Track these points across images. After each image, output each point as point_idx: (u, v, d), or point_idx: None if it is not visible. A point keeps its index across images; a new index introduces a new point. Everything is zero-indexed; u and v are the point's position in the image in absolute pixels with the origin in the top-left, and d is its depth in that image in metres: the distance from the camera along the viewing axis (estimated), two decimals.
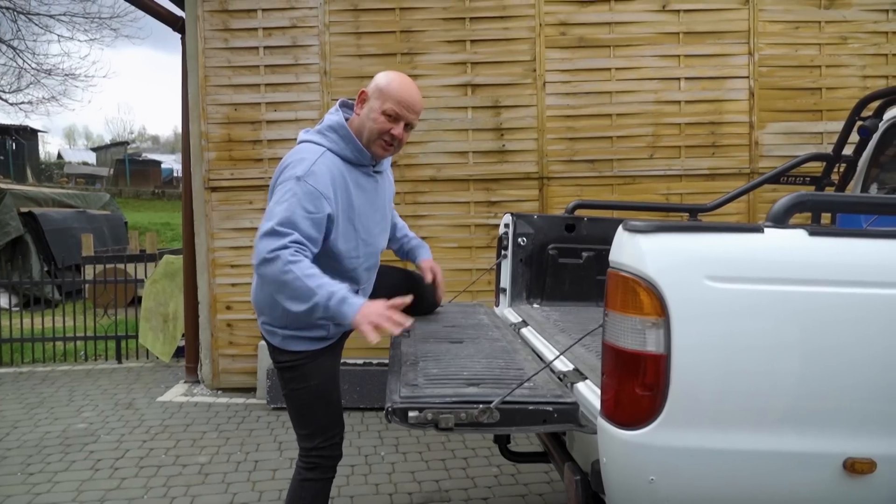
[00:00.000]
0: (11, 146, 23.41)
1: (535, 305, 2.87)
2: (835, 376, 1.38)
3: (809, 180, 3.49)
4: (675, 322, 1.35)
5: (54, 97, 17.33)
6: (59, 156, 38.32)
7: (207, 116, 4.77)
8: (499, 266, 2.94)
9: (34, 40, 18.25)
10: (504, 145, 4.71)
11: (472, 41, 4.68)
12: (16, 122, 21.21)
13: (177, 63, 5.03)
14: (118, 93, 78.58)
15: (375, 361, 4.39)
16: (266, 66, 4.73)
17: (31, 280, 8.05)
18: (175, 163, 31.09)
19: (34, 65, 15.99)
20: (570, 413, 1.58)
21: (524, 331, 2.43)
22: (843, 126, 3.30)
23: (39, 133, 27.27)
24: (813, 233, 1.42)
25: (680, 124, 4.67)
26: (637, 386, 1.38)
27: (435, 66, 4.70)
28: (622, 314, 1.40)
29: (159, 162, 33.46)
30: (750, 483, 1.40)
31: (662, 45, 4.65)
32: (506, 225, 2.90)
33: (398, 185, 2.79)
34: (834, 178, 3.43)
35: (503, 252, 2.90)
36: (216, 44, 4.74)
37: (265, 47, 4.73)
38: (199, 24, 4.72)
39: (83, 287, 7.57)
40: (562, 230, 2.87)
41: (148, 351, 5.96)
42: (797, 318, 1.37)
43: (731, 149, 4.68)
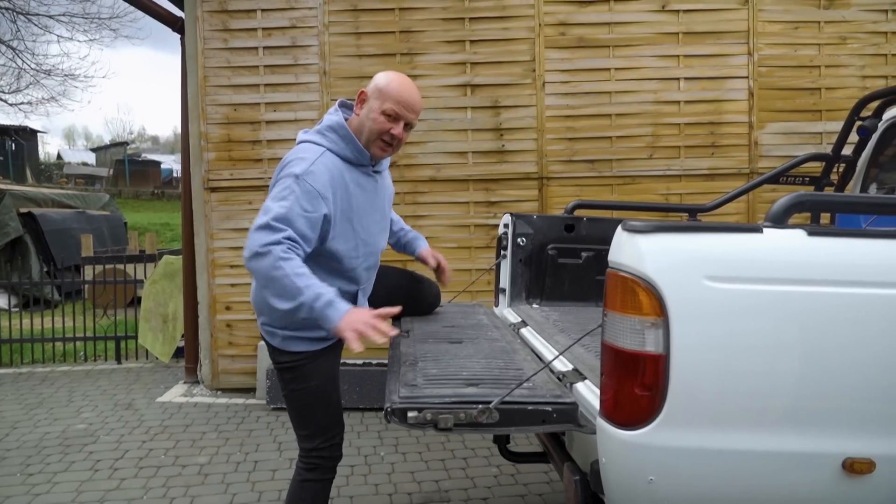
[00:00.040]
0: (11, 147, 23.38)
1: (535, 305, 2.87)
2: (834, 376, 1.38)
3: (809, 180, 3.50)
4: (675, 322, 1.35)
5: (54, 98, 17.36)
6: (59, 156, 38.31)
7: (207, 117, 4.77)
8: (498, 266, 2.94)
9: (34, 41, 18.30)
10: (503, 145, 4.71)
11: (472, 41, 4.68)
12: (15, 123, 21.17)
13: (176, 63, 5.03)
14: (118, 93, 78.84)
15: (375, 362, 4.38)
16: (265, 67, 4.74)
17: (31, 280, 8.06)
18: (175, 163, 31.08)
19: (34, 65, 16.03)
20: (570, 413, 1.58)
21: (523, 331, 2.43)
22: (843, 126, 3.31)
23: (39, 133, 27.26)
24: (812, 233, 1.42)
25: (679, 124, 4.67)
26: (636, 386, 1.38)
27: (434, 67, 4.70)
28: (621, 314, 1.40)
29: (159, 162, 33.46)
30: (749, 483, 1.40)
31: (662, 46, 4.65)
32: (505, 225, 2.90)
33: (398, 186, 2.79)
34: (833, 179, 3.43)
35: (503, 252, 2.90)
36: (215, 44, 4.74)
37: (264, 48, 4.73)
38: (199, 25, 4.72)
39: (83, 287, 7.57)
40: (561, 230, 2.87)
41: (147, 351, 5.95)
42: (796, 319, 1.37)
43: (731, 149, 4.68)
